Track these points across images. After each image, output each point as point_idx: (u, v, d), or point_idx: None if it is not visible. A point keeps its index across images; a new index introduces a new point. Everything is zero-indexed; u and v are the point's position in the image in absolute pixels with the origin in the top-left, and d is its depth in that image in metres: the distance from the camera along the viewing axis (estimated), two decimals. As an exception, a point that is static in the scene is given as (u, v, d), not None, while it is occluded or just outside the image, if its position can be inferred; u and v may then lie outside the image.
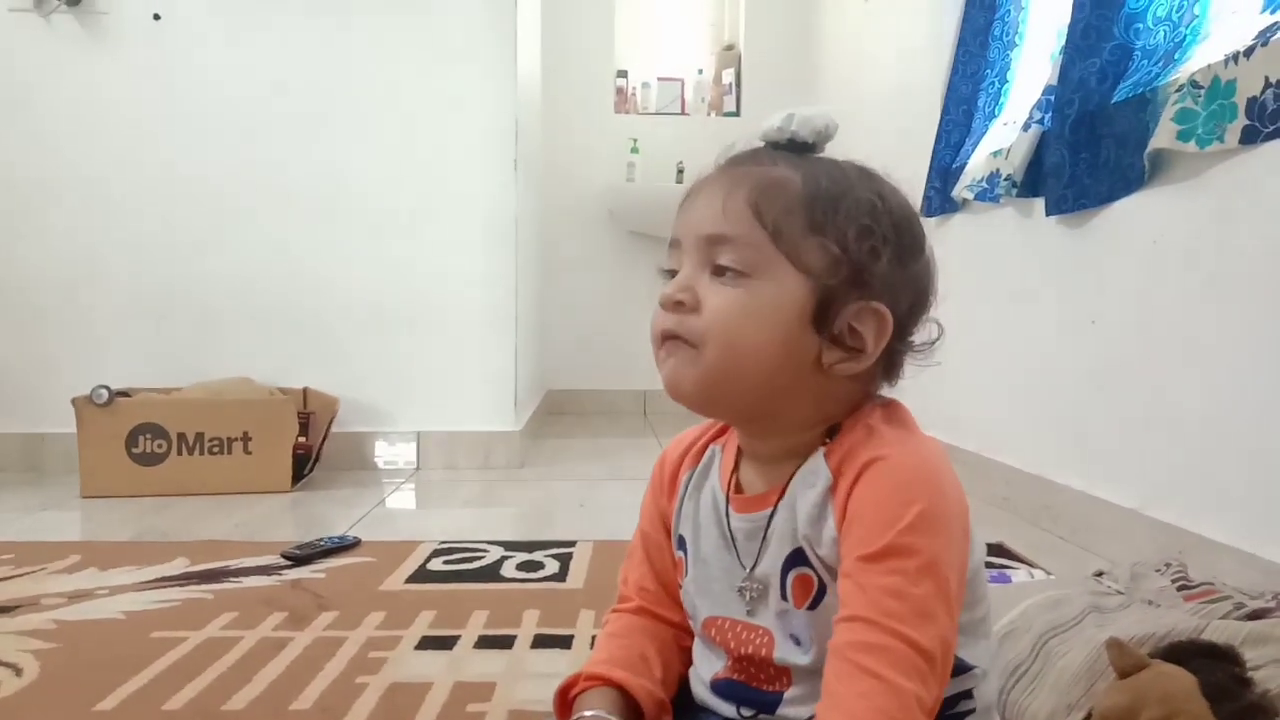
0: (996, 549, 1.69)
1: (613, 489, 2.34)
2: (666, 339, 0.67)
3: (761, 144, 0.70)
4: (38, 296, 2.55)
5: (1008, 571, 1.48)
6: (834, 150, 0.70)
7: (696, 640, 0.78)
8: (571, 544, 1.77)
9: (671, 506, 0.78)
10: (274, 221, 2.59)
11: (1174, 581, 1.11)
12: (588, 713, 0.72)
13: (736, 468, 0.74)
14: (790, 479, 0.68)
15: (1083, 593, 1.08)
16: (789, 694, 0.69)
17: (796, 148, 0.68)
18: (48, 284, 2.55)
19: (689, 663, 0.79)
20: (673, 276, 0.68)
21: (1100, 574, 1.18)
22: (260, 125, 2.57)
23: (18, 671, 1.15)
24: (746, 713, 0.71)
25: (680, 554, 0.77)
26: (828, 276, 0.64)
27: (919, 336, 0.70)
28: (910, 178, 0.71)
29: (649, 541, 0.82)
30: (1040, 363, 1.96)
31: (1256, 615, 0.99)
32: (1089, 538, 1.73)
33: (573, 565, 1.63)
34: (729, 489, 0.73)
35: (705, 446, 0.78)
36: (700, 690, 0.76)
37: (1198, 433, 1.46)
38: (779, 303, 0.64)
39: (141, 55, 2.54)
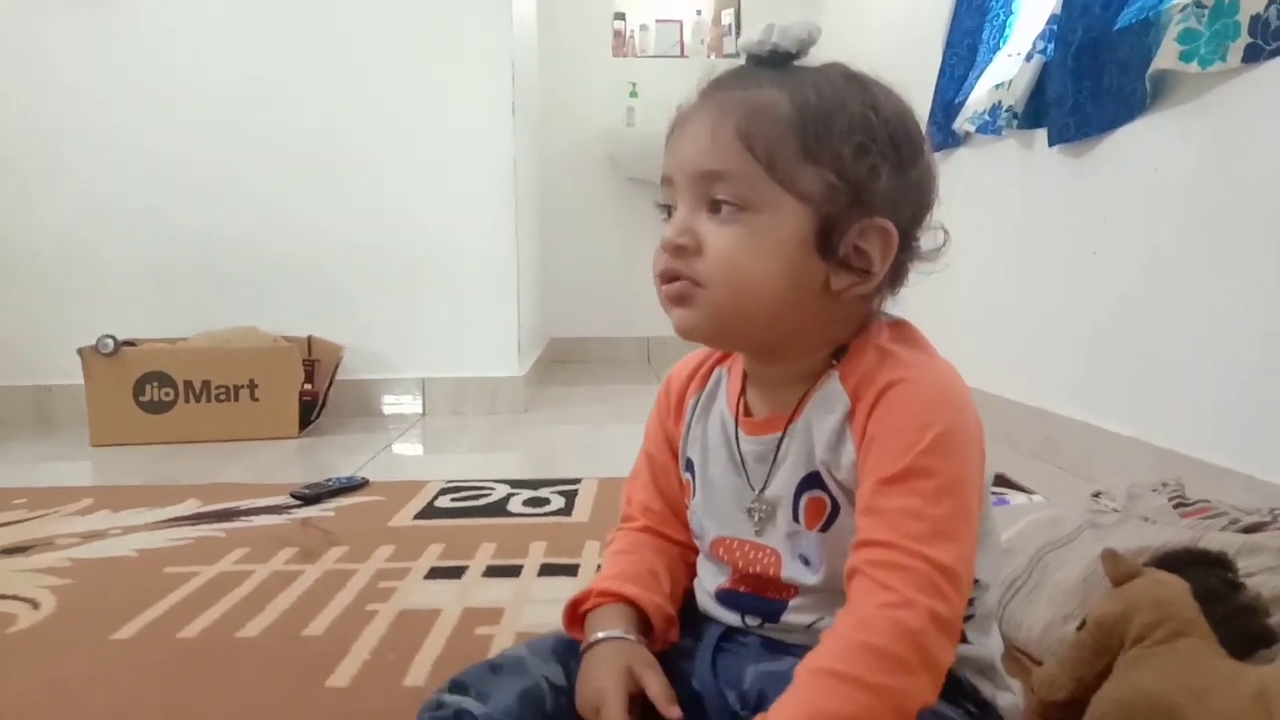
0: (997, 479, 1.70)
1: (617, 430, 2.36)
2: (670, 279, 0.66)
3: (743, 61, 0.68)
4: (42, 252, 2.55)
5: (1006, 495, 1.49)
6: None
7: (701, 556, 0.79)
8: (577, 481, 1.79)
9: (679, 430, 0.79)
10: (273, 174, 2.58)
11: (1170, 500, 1.13)
12: (601, 633, 0.72)
13: (743, 390, 0.74)
14: (801, 402, 0.68)
15: (1080, 511, 1.09)
16: (794, 603, 0.70)
17: (779, 60, 0.66)
18: (52, 240, 2.55)
19: (694, 578, 0.80)
20: (669, 213, 0.67)
21: (1098, 494, 1.19)
22: (259, 78, 2.55)
23: (35, 605, 1.18)
24: (751, 621, 0.72)
25: (688, 476, 0.77)
26: (827, 202, 0.63)
27: (925, 243, 0.68)
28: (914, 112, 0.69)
29: (654, 464, 0.82)
30: (1042, 295, 1.96)
31: (1252, 529, 1.01)
32: (1090, 468, 1.74)
33: (578, 501, 1.65)
34: (737, 412, 0.73)
35: (711, 369, 0.78)
36: (705, 600, 0.77)
37: (1197, 359, 1.47)
38: (780, 235, 0.63)
39: (144, 13, 2.51)
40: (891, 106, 0.65)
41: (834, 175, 0.62)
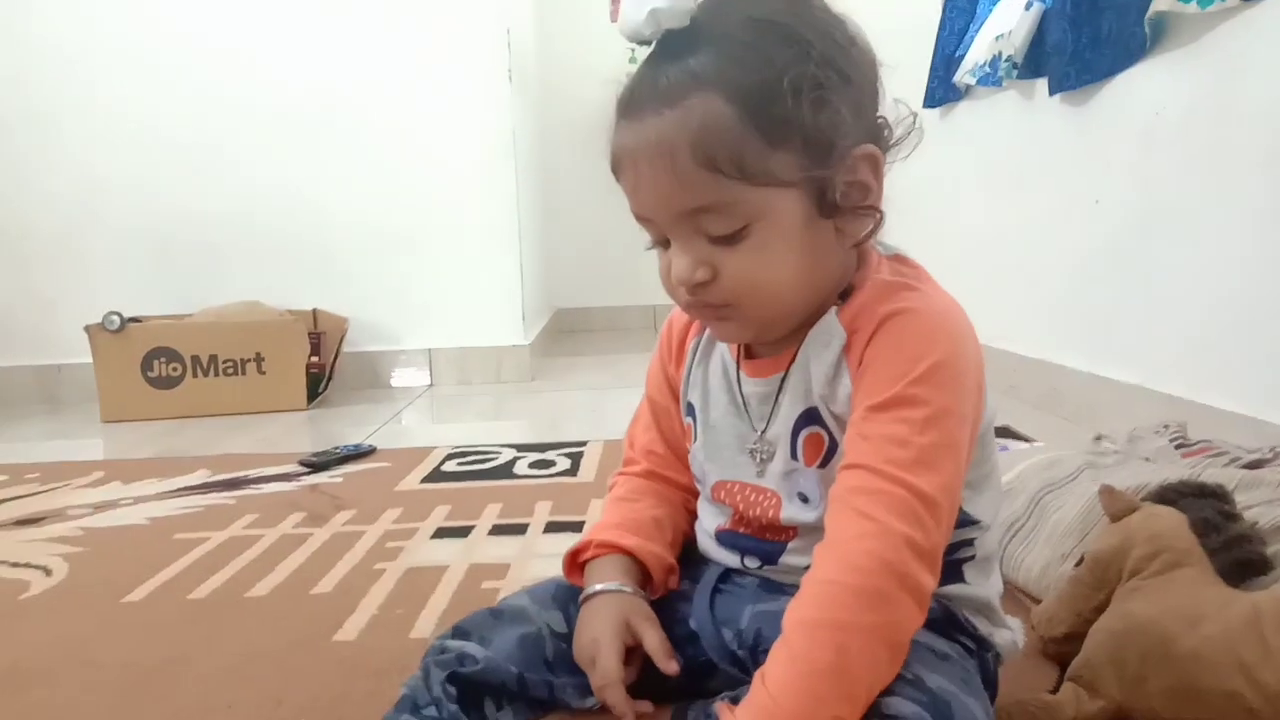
0: (1001, 430, 1.71)
1: (623, 395, 2.36)
2: (699, 308, 0.66)
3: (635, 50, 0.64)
4: (42, 231, 2.56)
5: (1006, 444, 1.49)
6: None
7: (702, 498, 0.79)
8: (582, 444, 1.80)
9: (679, 373, 0.79)
10: (271, 146, 2.58)
11: (1172, 441, 1.13)
12: (599, 586, 0.73)
13: None
14: (803, 340, 0.68)
15: (1079, 453, 1.09)
16: (792, 544, 0.70)
17: (677, 40, 0.61)
18: (52, 219, 2.56)
19: (694, 525, 0.81)
20: (661, 247, 0.66)
21: (1099, 438, 1.19)
22: (254, 48, 2.54)
23: (47, 572, 1.20)
24: (750, 563, 0.73)
25: (689, 420, 0.78)
26: (810, 173, 0.61)
27: (896, 127, 0.65)
28: (914, 67, 0.66)
29: (656, 407, 0.83)
30: (1045, 246, 1.95)
31: (1253, 466, 1.01)
32: (1094, 417, 1.74)
33: (584, 462, 1.66)
34: (738, 355, 0.73)
35: None
36: (705, 542, 0.77)
37: (1200, 304, 1.46)
38: (785, 229, 0.62)
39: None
40: (810, 26, 0.61)
41: (803, 145, 0.60)
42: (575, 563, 0.78)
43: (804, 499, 0.68)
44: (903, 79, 0.69)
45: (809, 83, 0.59)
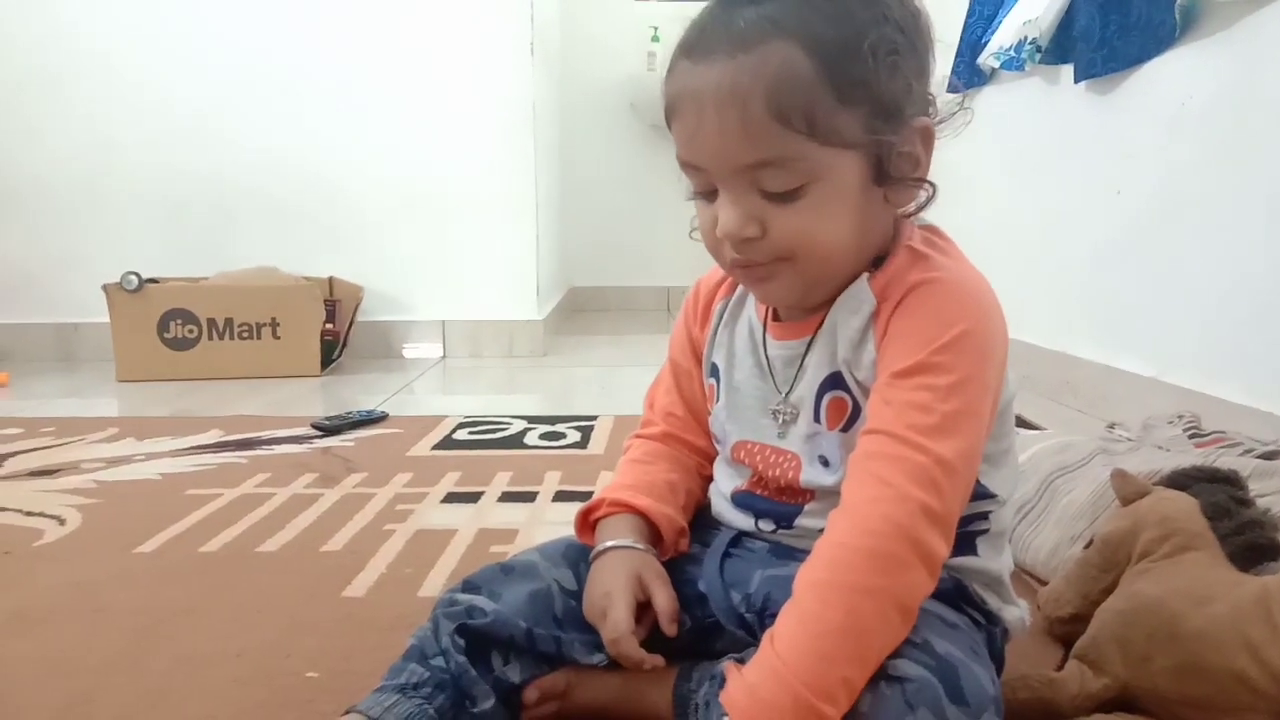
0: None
1: (635, 373, 2.37)
2: (745, 265, 0.65)
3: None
4: (59, 191, 2.57)
5: (1018, 430, 1.49)
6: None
7: (720, 460, 0.79)
8: (593, 418, 1.80)
9: (704, 334, 0.79)
10: (290, 113, 2.58)
11: (1185, 431, 1.12)
12: (610, 543, 0.73)
13: None
14: (831, 305, 0.67)
15: (1092, 439, 1.09)
16: (809, 507, 0.70)
17: None
18: (68, 178, 2.57)
19: (707, 490, 0.81)
20: (705, 198, 0.65)
21: (1113, 426, 1.19)
22: (272, 9, 2.54)
23: (61, 521, 1.21)
24: (765, 526, 0.73)
25: (712, 381, 0.77)
26: (873, 137, 0.60)
27: (941, 107, 0.65)
28: (941, 52, 0.66)
29: (678, 369, 0.82)
30: (1064, 236, 1.94)
31: (1268, 457, 1.00)
32: (1108, 408, 1.73)
33: (594, 435, 1.67)
34: (766, 317, 0.73)
35: None
36: (720, 504, 0.77)
37: (1216, 296, 1.45)
38: (842, 191, 0.61)
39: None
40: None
41: (871, 108, 0.60)
42: (587, 522, 0.79)
43: (825, 463, 0.68)
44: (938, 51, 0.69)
45: (886, 45, 0.59)
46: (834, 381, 0.68)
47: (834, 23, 0.59)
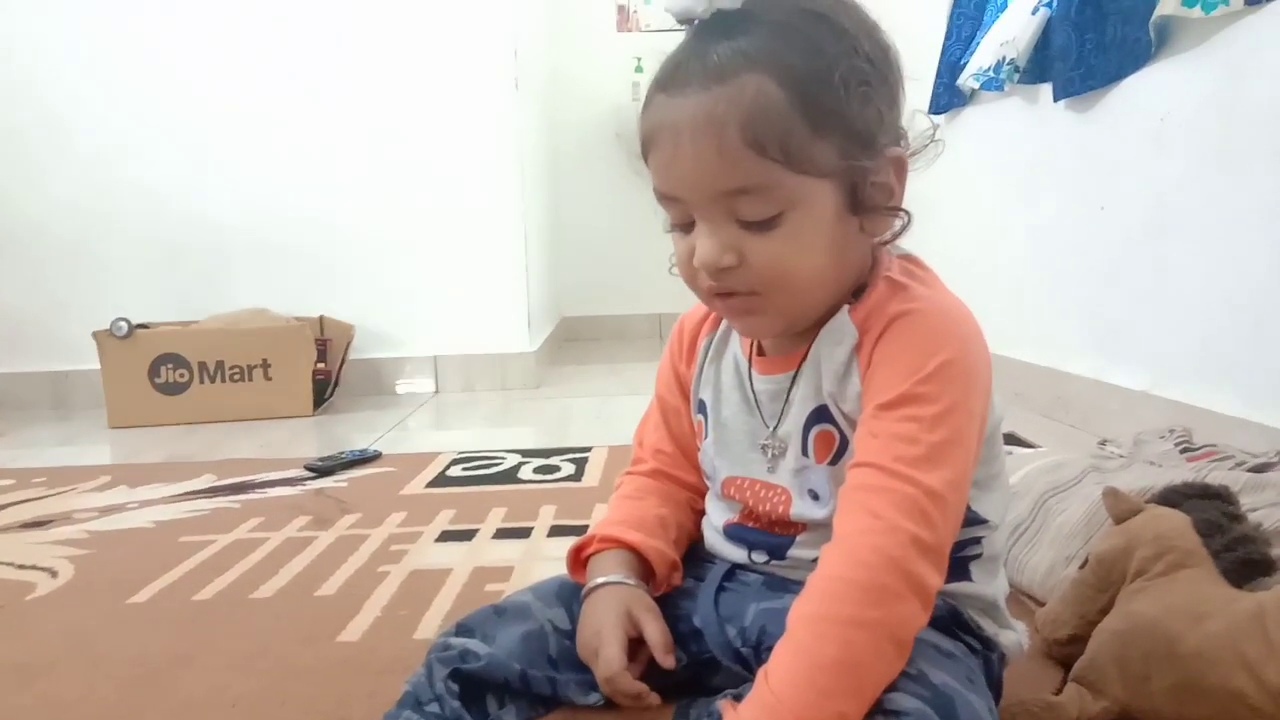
0: (1006, 437, 1.70)
1: (629, 402, 2.37)
2: (724, 295, 0.65)
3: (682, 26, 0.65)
4: (53, 238, 2.57)
5: (1011, 449, 1.49)
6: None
7: (711, 494, 0.79)
8: (587, 449, 1.80)
9: (690, 371, 0.79)
10: (279, 153, 2.59)
11: (1177, 445, 1.13)
12: (602, 579, 0.73)
13: None
14: (814, 339, 0.68)
15: (1084, 457, 1.09)
16: (800, 538, 0.70)
17: (729, 19, 0.62)
18: (64, 226, 2.57)
19: (699, 524, 0.81)
20: (682, 230, 0.65)
21: (1104, 443, 1.19)
22: (261, 56, 2.55)
23: (53, 574, 1.20)
24: (758, 558, 0.73)
25: (699, 418, 0.78)
26: (847, 167, 0.62)
27: (913, 138, 0.66)
28: (920, 74, 0.68)
29: (665, 406, 0.83)
30: (1051, 253, 1.95)
31: (1258, 470, 1.01)
32: (1101, 423, 1.73)
33: (589, 467, 1.66)
34: (751, 353, 0.73)
35: None
36: (713, 537, 0.77)
37: (1207, 308, 1.46)
38: (817, 221, 0.62)
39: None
40: (857, 24, 0.63)
41: (844, 137, 0.61)
42: (579, 559, 0.78)
43: (814, 496, 0.69)
44: (909, 87, 0.70)
45: (857, 76, 0.60)
46: (820, 415, 0.68)
47: (806, 55, 0.60)
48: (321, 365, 2.42)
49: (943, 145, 0.66)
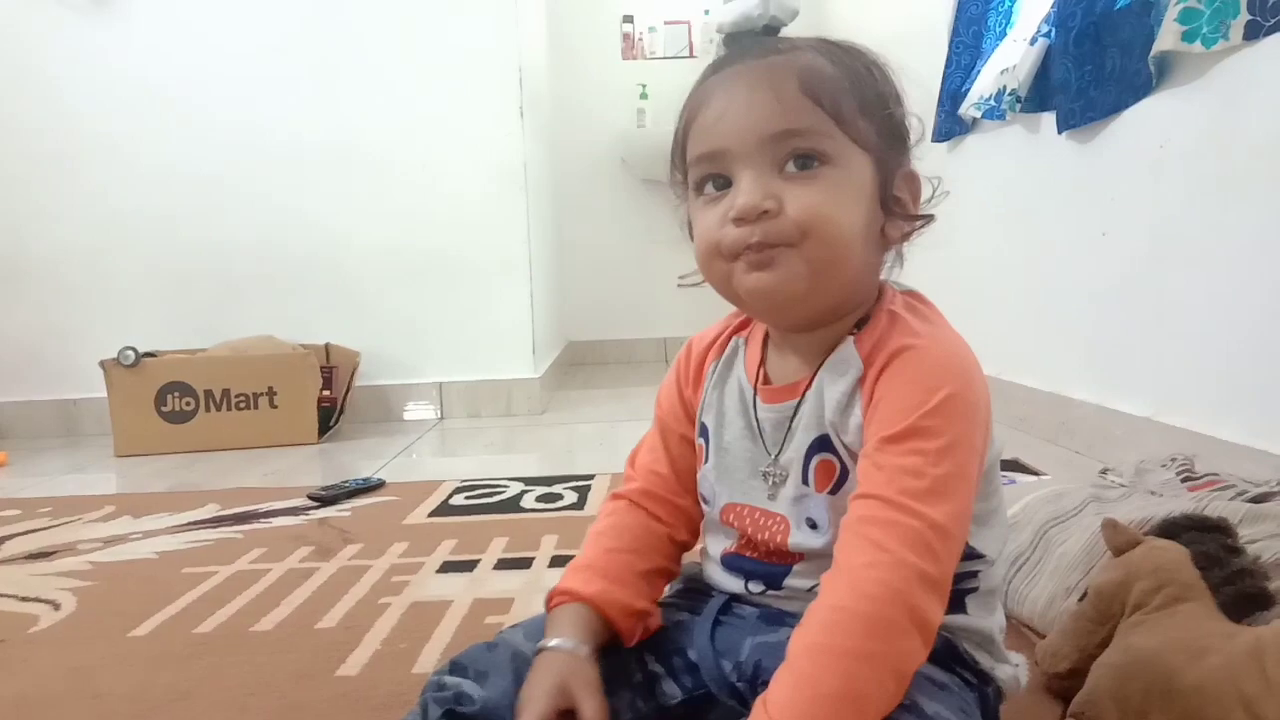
0: (1010, 464, 1.70)
1: (634, 427, 2.37)
2: (754, 250, 0.64)
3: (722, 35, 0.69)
4: (61, 267, 2.60)
5: (1013, 477, 1.49)
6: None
7: (708, 522, 0.79)
8: (590, 477, 1.80)
9: (696, 395, 0.79)
10: (283, 181, 2.61)
11: (1179, 474, 1.12)
12: (552, 642, 0.70)
13: (763, 360, 0.75)
14: (819, 368, 0.68)
15: (1084, 486, 1.09)
16: (798, 567, 0.70)
17: (768, 33, 0.68)
18: (73, 257, 2.60)
19: (679, 559, 0.80)
20: (718, 187, 0.66)
21: (1105, 471, 1.18)
22: (269, 82, 2.59)
23: (55, 606, 1.20)
24: (754, 588, 0.73)
25: (701, 442, 0.78)
26: (882, 154, 0.65)
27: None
28: (920, 103, 0.71)
29: (665, 429, 0.82)
30: (1053, 279, 1.95)
31: (1259, 500, 1.00)
32: (1104, 449, 1.73)
33: (591, 495, 1.66)
34: (756, 380, 0.74)
35: (729, 338, 0.79)
36: (710, 567, 0.77)
37: (1209, 335, 1.46)
38: (855, 185, 0.64)
39: (150, 19, 2.55)
40: (879, 69, 0.68)
41: (882, 128, 0.66)
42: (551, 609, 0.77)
43: (812, 525, 0.68)
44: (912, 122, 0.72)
45: (887, 87, 0.67)
46: (822, 444, 0.68)
47: (835, 57, 0.66)
48: (327, 392, 2.43)
49: (947, 194, 0.70)
